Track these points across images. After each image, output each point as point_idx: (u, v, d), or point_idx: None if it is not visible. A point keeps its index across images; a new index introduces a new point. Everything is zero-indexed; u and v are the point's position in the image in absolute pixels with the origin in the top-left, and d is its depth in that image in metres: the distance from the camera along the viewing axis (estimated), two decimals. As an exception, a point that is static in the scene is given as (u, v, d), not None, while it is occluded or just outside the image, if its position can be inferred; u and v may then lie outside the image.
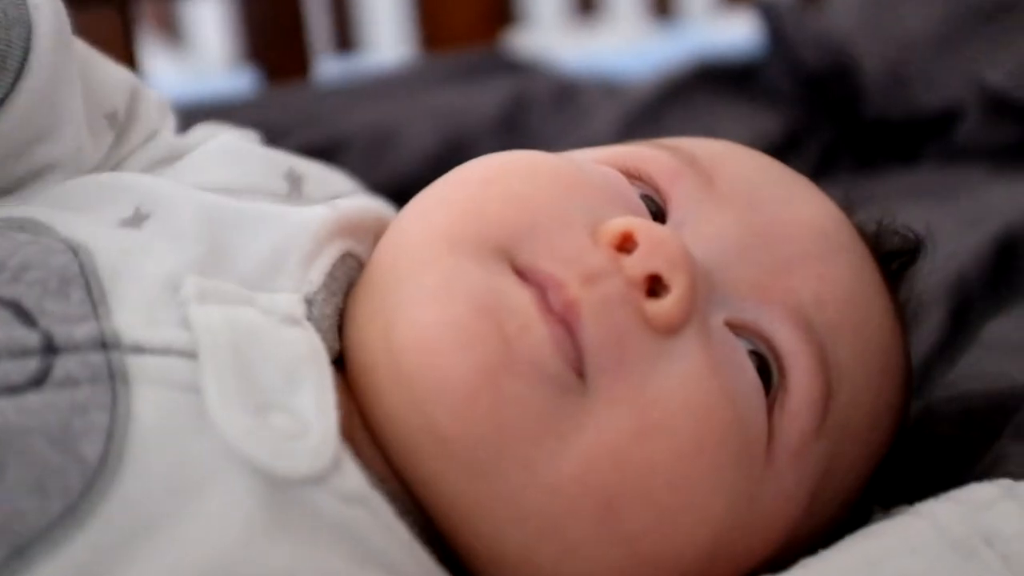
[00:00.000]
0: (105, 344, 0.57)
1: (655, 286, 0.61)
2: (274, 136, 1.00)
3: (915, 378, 0.75)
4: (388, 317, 0.62)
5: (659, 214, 0.67)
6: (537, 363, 0.59)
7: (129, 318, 0.59)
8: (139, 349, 0.58)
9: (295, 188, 0.77)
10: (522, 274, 0.61)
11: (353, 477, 0.58)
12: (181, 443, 0.56)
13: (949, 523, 0.60)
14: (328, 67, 1.50)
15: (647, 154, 0.69)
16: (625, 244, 0.62)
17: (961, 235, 1.01)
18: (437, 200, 0.67)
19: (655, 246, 0.61)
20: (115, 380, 0.56)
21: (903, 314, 0.73)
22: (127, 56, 1.17)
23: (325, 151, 1.06)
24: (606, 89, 1.33)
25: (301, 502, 0.57)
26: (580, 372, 0.59)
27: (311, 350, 0.61)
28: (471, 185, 0.66)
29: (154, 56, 1.43)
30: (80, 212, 0.65)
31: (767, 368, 0.63)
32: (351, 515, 0.57)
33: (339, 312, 0.67)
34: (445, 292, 0.60)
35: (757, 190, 0.68)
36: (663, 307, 0.60)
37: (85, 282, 0.60)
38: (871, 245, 0.73)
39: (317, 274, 0.66)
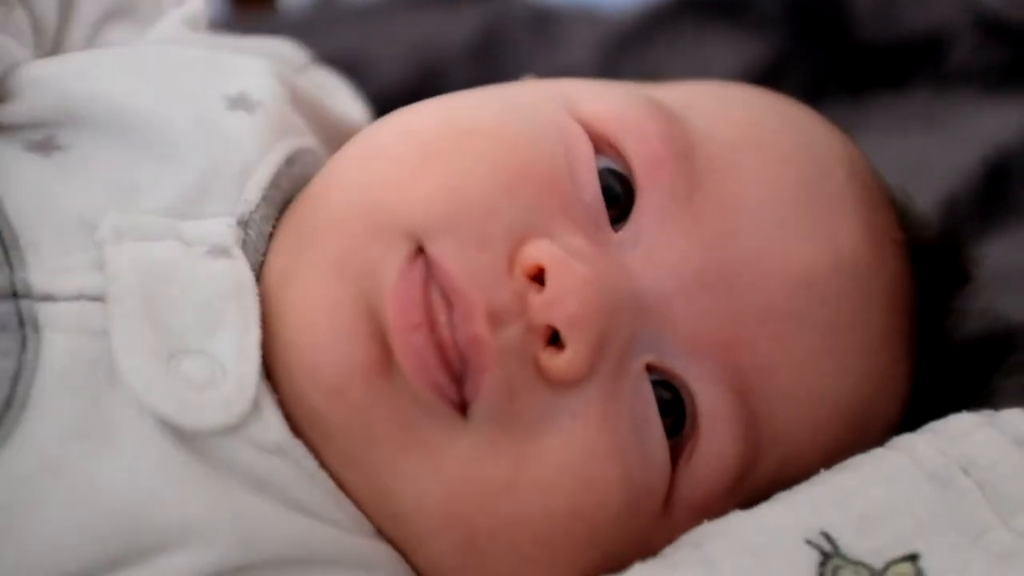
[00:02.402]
0: (16, 294, 0.56)
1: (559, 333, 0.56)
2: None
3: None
4: (289, 269, 0.59)
5: (627, 198, 0.60)
6: (412, 384, 0.56)
7: (43, 264, 0.57)
8: (51, 297, 0.56)
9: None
10: (428, 262, 0.56)
11: (274, 426, 0.57)
12: (92, 388, 0.54)
13: (926, 454, 0.58)
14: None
15: (638, 126, 0.61)
16: (539, 275, 0.56)
17: (951, 158, 0.98)
18: (377, 153, 0.62)
19: (561, 295, 0.55)
20: (25, 327, 0.55)
21: (915, 346, 0.66)
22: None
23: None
24: (586, 17, 1.29)
25: (215, 451, 0.55)
26: (463, 405, 0.56)
27: (235, 286, 0.58)
28: (415, 149, 0.60)
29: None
30: None
31: (681, 408, 0.59)
32: (270, 465, 0.56)
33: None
34: (339, 268, 0.57)
35: (748, 211, 0.60)
36: (555, 364, 0.56)
37: None
38: (911, 262, 0.65)
39: (253, 191, 0.62)
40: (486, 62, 1.15)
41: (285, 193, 0.64)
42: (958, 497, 0.56)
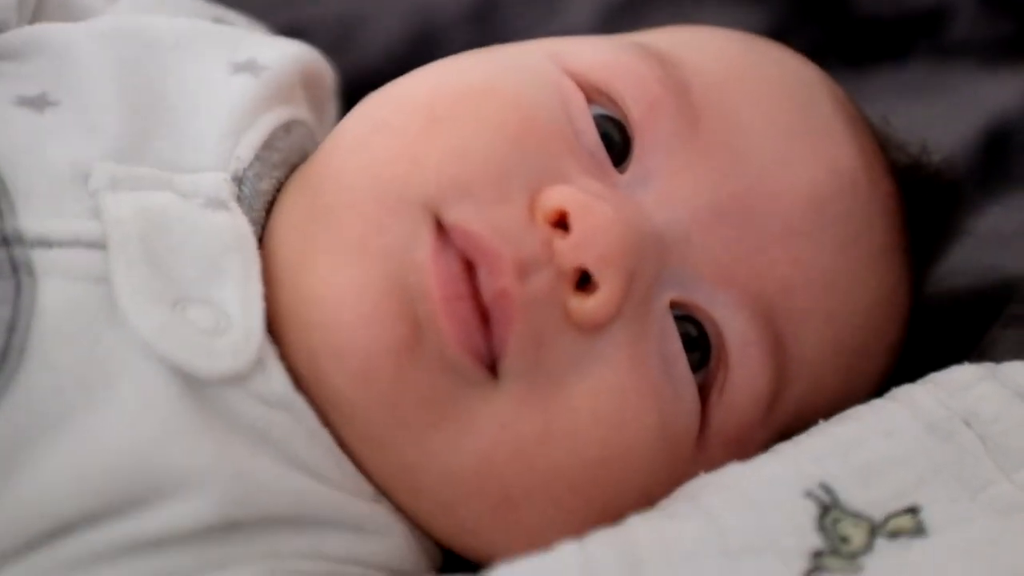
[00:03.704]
0: (7, 240, 0.54)
1: (587, 274, 0.56)
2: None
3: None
4: (304, 250, 0.59)
5: (624, 145, 0.61)
6: (443, 354, 0.55)
7: (35, 210, 0.56)
8: (45, 243, 0.55)
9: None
10: (448, 232, 0.56)
11: (277, 379, 0.56)
12: (91, 335, 0.53)
13: (926, 406, 0.57)
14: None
15: (631, 71, 0.62)
16: (562, 220, 0.56)
17: (952, 126, 0.98)
18: (379, 126, 0.61)
19: (588, 235, 0.55)
20: (19, 273, 0.54)
21: (911, 265, 0.68)
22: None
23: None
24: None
25: (220, 402, 0.55)
26: (492, 365, 0.56)
27: (235, 237, 0.58)
28: (416, 117, 0.60)
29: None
30: None
31: (707, 345, 0.59)
32: (272, 419, 0.56)
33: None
34: (361, 251, 0.57)
35: (750, 140, 0.61)
36: (587, 307, 0.56)
37: None
38: (899, 184, 0.67)
39: (246, 149, 0.62)
40: (484, 25, 1.14)
41: (282, 155, 0.64)
42: (959, 450, 0.56)
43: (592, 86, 0.62)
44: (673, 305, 0.59)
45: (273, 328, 0.58)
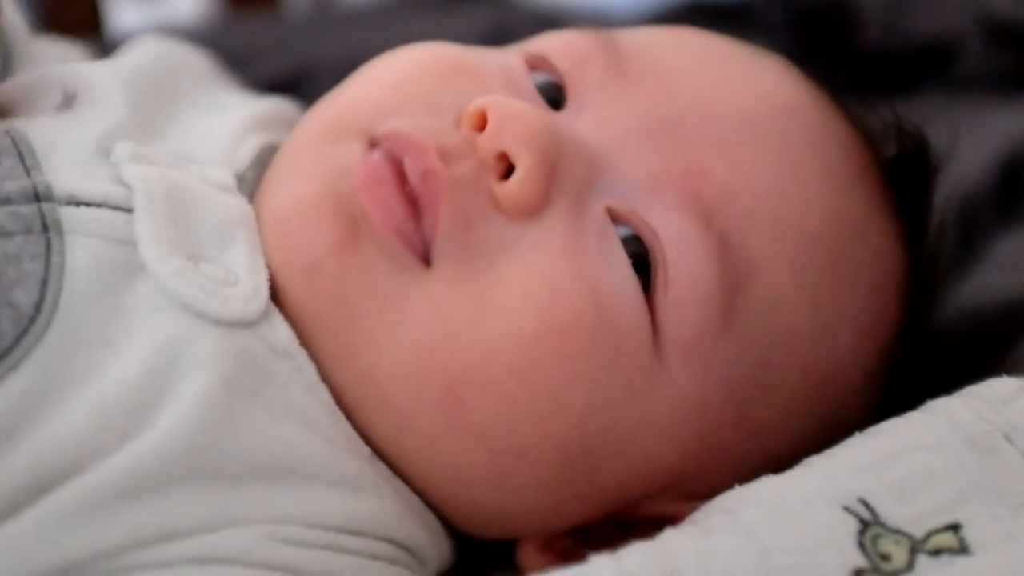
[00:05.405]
0: (38, 196, 0.57)
1: (510, 165, 0.59)
2: (238, 63, 0.95)
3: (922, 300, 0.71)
4: (264, 187, 0.64)
5: (559, 101, 0.64)
6: (377, 243, 0.58)
7: (64, 175, 0.59)
8: (74, 201, 0.57)
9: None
10: (376, 143, 0.60)
11: (282, 330, 0.58)
12: (115, 292, 0.56)
13: (965, 419, 0.56)
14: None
15: (559, 38, 0.67)
16: (483, 123, 0.60)
17: (964, 156, 0.96)
18: (330, 95, 0.68)
19: (502, 122, 0.59)
20: (49, 231, 0.56)
21: (899, 221, 0.68)
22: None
23: (292, 81, 1.01)
24: (592, 21, 1.28)
25: (231, 342, 0.57)
26: (426, 252, 0.58)
27: (243, 214, 0.62)
28: (358, 77, 0.67)
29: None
30: (12, 110, 0.65)
31: (648, 258, 0.60)
32: (278, 366, 0.57)
33: None
34: (306, 173, 0.61)
35: (678, 73, 0.64)
36: (509, 188, 0.59)
37: (17, 152, 0.59)
38: (865, 140, 0.68)
39: (245, 154, 0.66)
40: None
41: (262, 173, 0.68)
42: (1001, 465, 0.54)
43: (530, 56, 0.66)
44: (613, 217, 0.60)
45: (277, 295, 0.60)
